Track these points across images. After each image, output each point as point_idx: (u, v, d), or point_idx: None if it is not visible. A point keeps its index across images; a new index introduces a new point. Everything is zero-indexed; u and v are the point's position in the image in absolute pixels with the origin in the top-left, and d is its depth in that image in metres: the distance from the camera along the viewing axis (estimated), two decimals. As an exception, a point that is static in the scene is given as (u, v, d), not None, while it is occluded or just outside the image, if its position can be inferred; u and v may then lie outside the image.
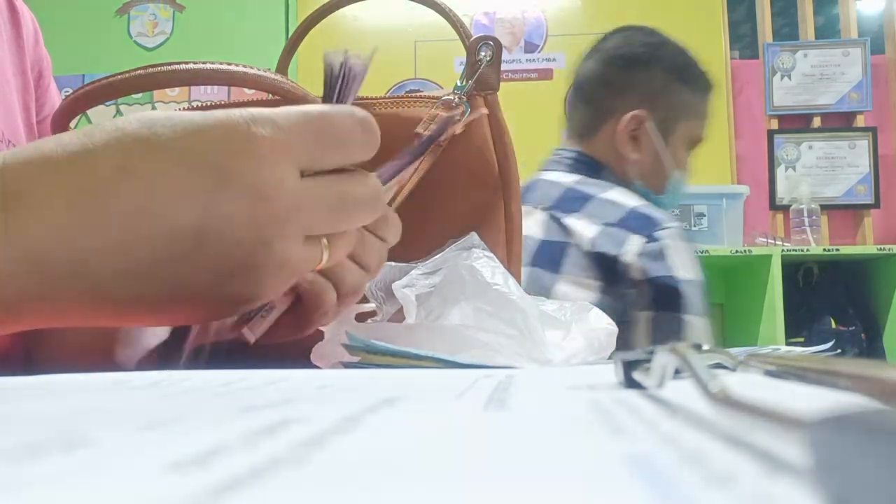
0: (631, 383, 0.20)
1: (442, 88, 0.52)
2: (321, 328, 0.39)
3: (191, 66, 0.40)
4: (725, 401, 0.12)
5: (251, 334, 0.36)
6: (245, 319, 0.36)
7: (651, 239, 0.95)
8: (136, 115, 0.30)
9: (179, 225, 0.29)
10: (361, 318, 0.41)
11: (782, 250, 2.00)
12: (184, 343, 0.35)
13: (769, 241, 2.15)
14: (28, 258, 0.28)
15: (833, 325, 2.13)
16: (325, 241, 0.33)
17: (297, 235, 0.31)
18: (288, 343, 0.39)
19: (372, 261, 0.38)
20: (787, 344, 1.88)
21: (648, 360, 0.19)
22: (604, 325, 0.44)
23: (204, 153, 0.29)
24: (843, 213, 2.34)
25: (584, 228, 0.97)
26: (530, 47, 2.45)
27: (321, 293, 0.37)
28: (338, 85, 0.34)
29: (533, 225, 1.00)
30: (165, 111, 0.31)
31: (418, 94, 0.51)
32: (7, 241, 0.27)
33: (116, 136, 0.29)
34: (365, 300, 0.41)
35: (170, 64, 0.40)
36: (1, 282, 0.28)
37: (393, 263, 0.41)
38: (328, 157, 0.31)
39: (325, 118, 0.31)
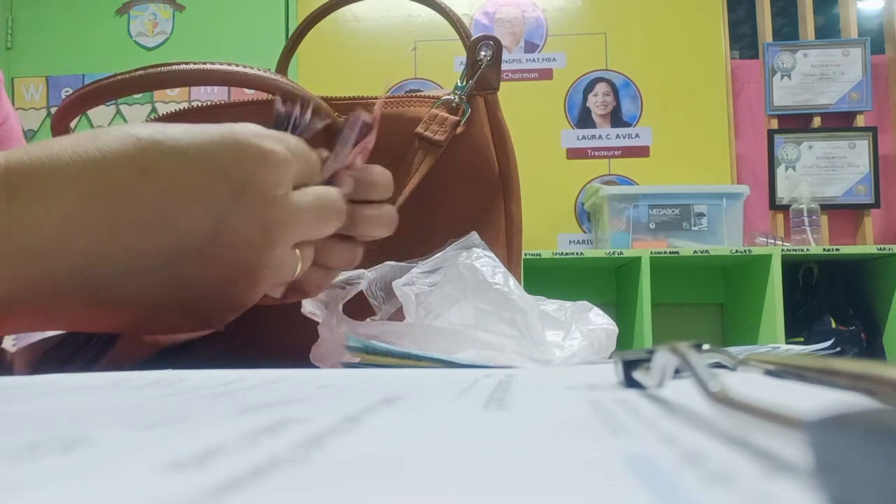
0: (631, 383, 0.20)
1: (442, 88, 0.52)
2: (320, 325, 0.39)
3: (191, 66, 0.40)
4: (725, 401, 0.12)
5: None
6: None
7: None
8: (143, 123, 0.32)
9: (195, 225, 0.30)
10: (358, 316, 0.41)
11: (782, 250, 2.00)
12: (81, 351, 0.35)
13: (769, 240, 2.15)
14: (29, 253, 0.28)
15: (833, 324, 2.13)
16: (297, 251, 0.34)
17: (292, 241, 0.33)
18: (287, 342, 0.39)
19: (334, 260, 0.39)
20: (787, 344, 1.87)
21: (648, 360, 0.19)
22: (604, 325, 0.44)
23: (221, 157, 0.30)
24: (843, 212, 2.34)
25: None
26: (530, 47, 2.45)
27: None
28: (288, 125, 0.36)
29: None
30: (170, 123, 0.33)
31: (418, 93, 0.51)
32: (6, 235, 0.27)
33: (132, 142, 0.30)
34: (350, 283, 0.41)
35: (170, 64, 0.40)
36: None
37: (393, 262, 0.41)
38: (311, 178, 0.35)
39: (308, 155, 0.35)
